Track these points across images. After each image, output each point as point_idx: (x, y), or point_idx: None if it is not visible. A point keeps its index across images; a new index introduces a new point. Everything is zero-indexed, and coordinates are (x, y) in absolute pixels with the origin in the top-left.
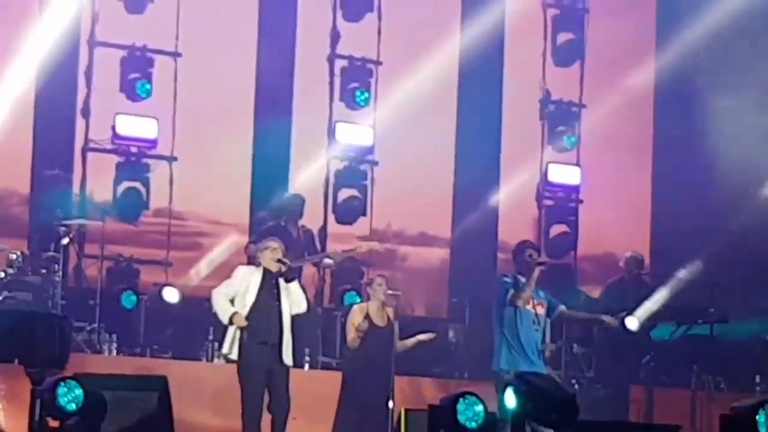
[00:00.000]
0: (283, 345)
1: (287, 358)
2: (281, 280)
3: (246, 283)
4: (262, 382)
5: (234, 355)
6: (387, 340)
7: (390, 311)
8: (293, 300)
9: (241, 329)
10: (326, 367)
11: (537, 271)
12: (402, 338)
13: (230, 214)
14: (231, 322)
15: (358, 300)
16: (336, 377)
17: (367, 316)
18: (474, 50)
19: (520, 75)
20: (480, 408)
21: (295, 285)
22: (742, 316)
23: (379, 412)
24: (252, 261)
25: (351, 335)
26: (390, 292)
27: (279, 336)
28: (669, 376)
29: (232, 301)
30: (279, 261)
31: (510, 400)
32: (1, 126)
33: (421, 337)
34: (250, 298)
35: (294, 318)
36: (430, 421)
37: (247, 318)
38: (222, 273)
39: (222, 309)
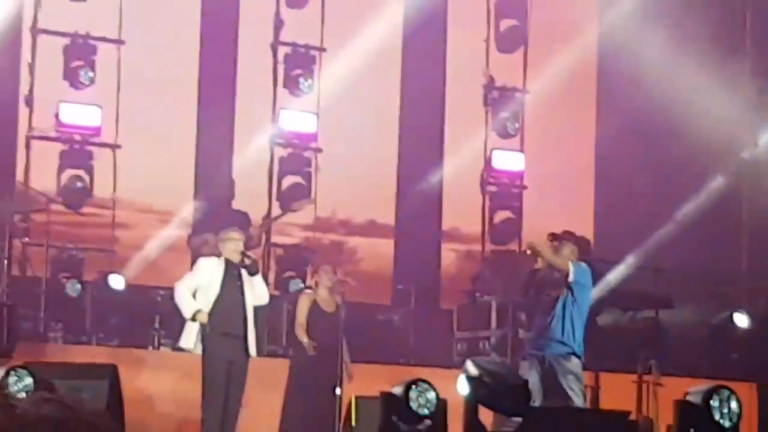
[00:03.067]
0: (248, 337)
1: (252, 349)
2: (244, 272)
3: (209, 276)
4: (225, 374)
5: (198, 349)
6: (335, 326)
7: (338, 298)
8: (256, 293)
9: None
10: (272, 354)
11: None
12: (348, 325)
13: (173, 201)
14: (194, 319)
15: (302, 287)
16: (282, 364)
17: (314, 303)
18: (416, 37)
19: (462, 61)
20: (432, 395)
21: (258, 278)
22: (686, 300)
23: (328, 398)
24: (195, 253)
25: (299, 322)
26: (337, 279)
27: (243, 328)
28: (615, 361)
29: (194, 294)
30: (242, 254)
31: (462, 387)
32: None
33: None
34: (213, 290)
35: (256, 309)
36: (383, 408)
37: (211, 310)
38: (165, 262)
39: (186, 304)
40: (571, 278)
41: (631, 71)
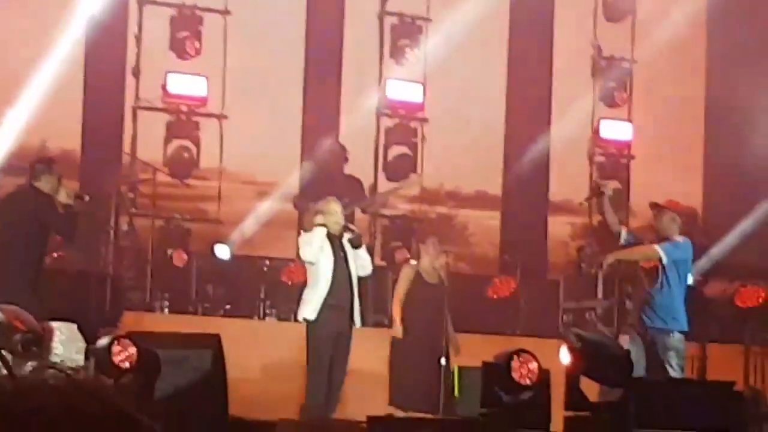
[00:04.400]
0: (354, 308)
1: (358, 320)
2: (346, 244)
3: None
4: (332, 345)
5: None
6: (439, 297)
7: (441, 270)
8: (360, 263)
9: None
10: (378, 324)
11: None
12: (453, 297)
13: (279, 172)
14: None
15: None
16: (387, 335)
17: (417, 274)
18: (523, 7)
19: (569, 30)
20: (534, 365)
21: (362, 250)
22: None
23: (432, 368)
24: (301, 213)
25: (398, 295)
26: (441, 251)
27: (350, 299)
28: (722, 332)
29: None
30: (346, 228)
31: (565, 357)
32: (52, 86)
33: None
34: (327, 261)
35: (360, 280)
36: (484, 378)
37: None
38: (271, 229)
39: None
40: (665, 262)
41: (742, 37)
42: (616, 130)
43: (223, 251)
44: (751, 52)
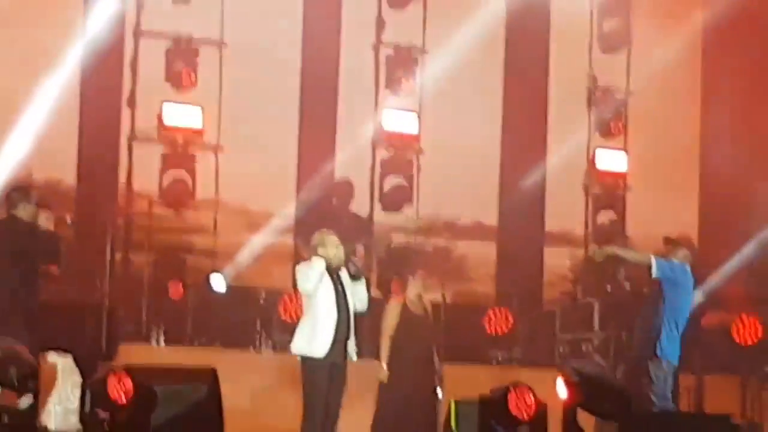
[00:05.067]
0: (349, 341)
1: (353, 354)
2: (344, 276)
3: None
4: (327, 377)
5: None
6: (424, 328)
7: (427, 302)
8: (358, 298)
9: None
10: (375, 356)
11: None
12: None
13: (275, 203)
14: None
15: None
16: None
17: (404, 307)
18: (519, 38)
19: (565, 62)
20: (531, 398)
21: (360, 283)
22: None
23: (421, 398)
24: (299, 251)
25: (387, 330)
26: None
27: (346, 332)
28: (720, 363)
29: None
30: (348, 260)
31: (561, 390)
32: (47, 116)
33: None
34: (328, 294)
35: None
36: (481, 412)
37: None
38: (267, 263)
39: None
40: (654, 274)
41: (737, 67)
42: (611, 160)
43: (218, 282)
44: (745, 81)
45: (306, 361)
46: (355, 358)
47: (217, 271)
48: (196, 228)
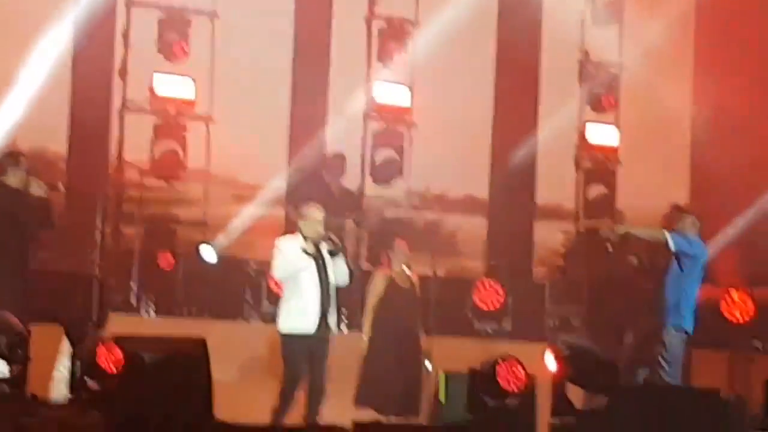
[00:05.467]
0: (330, 315)
1: (333, 327)
2: (324, 251)
3: (294, 257)
4: (306, 350)
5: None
6: (410, 301)
7: (414, 275)
8: (338, 272)
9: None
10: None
11: None
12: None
13: (266, 174)
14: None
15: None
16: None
17: (390, 280)
18: (512, 11)
19: (558, 35)
20: (520, 371)
21: (340, 259)
22: None
23: (405, 371)
24: (290, 222)
25: (371, 303)
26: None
27: (326, 306)
28: (706, 337)
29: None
30: (329, 239)
31: (550, 363)
32: (39, 87)
33: None
34: (311, 270)
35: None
36: (471, 384)
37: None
38: (257, 234)
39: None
40: (672, 248)
41: (729, 41)
42: (602, 134)
43: (209, 253)
44: (737, 56)
45: (289, 337)
46: (336, 331)
47: (207, 242)
48: (186, 199)
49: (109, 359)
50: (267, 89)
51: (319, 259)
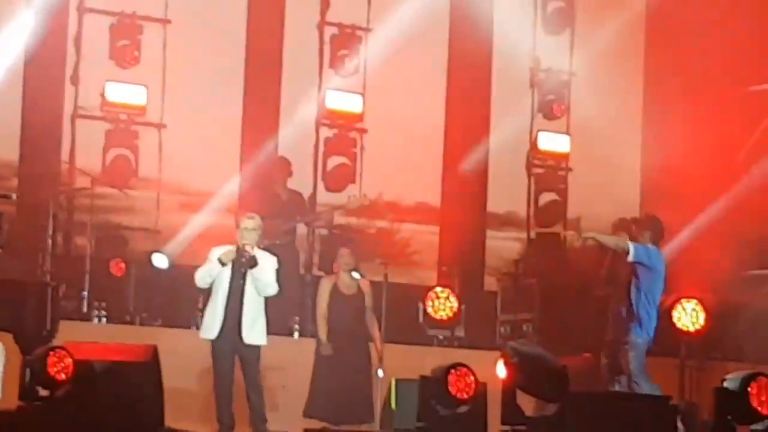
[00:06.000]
0: (243, 325)
1: (245, 336)
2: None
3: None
4: (230, 359)
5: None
6: (358, 308)
7: (362, 281)
8: (261, 283)
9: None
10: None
11: None
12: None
13: (218, 181)
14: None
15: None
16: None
17: (335, 287)
18: (463, 19)
19: (509, 43)
20: (471, 379)
21: (258, 270)
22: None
23: (356, 378)
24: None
25: (320, 309)
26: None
27: (239, 317)
28: (658, 345)
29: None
30: (239, 250)
31: (501, 371)
32: None
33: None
34: (221, 281)
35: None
36: (422, 392)
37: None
38: (209, 239)
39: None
40: (630, 258)
41: (680, 49)
42: (554, 141)
43: (161, 261)
44: (688, 62)
45: (209, 342)
46: (248, 341)
47: (159, 250)
48: (138, 206)
49: (59, 366)
50: (219, 96)
51: (237, 271)
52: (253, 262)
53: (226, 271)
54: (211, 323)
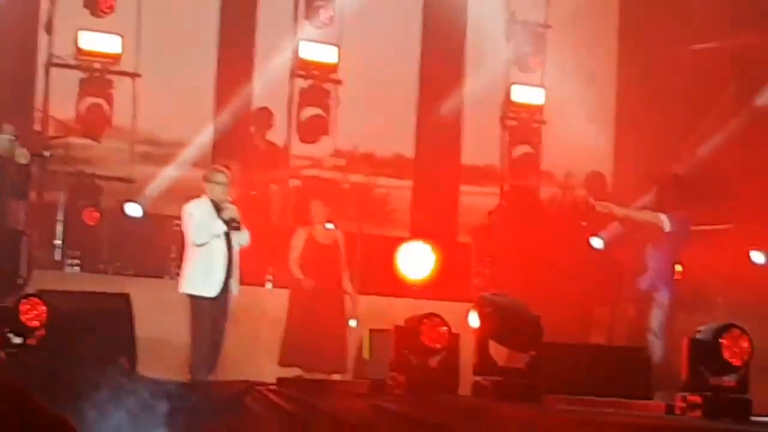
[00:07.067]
0: (232, 278)
1: (234, 289)
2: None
3: (205, 219)
4: (208, 309)
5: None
6: (332, 259)
7: (337, 232)
8: (240, 237)
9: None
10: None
11: None
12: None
13: (192, 131)
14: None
15: None
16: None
17: (310, 237)
18: None
19: None
20: (444, 329)
21: (237, 226)
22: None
23: (328, 327)
24: None
25: (292, 257)
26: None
27: (230, 270)
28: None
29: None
30: (224, 207)
31: (474, 321)
32: None
33: None
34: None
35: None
36: (395, 341)
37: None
38: (183, 191)
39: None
40: (667, 228)
41: (655, 1)
42: (528, 94)
43: (134, 210)
44: (663, 15)
45: (195, 299)
46: (236, 293)
47: (132, 199)
48: (112, 155)
49: (32, 314)
50: (193, 45)
51: (232, 223)
52: (235, 221)
53: (221, 228)
54: (207, 280)
